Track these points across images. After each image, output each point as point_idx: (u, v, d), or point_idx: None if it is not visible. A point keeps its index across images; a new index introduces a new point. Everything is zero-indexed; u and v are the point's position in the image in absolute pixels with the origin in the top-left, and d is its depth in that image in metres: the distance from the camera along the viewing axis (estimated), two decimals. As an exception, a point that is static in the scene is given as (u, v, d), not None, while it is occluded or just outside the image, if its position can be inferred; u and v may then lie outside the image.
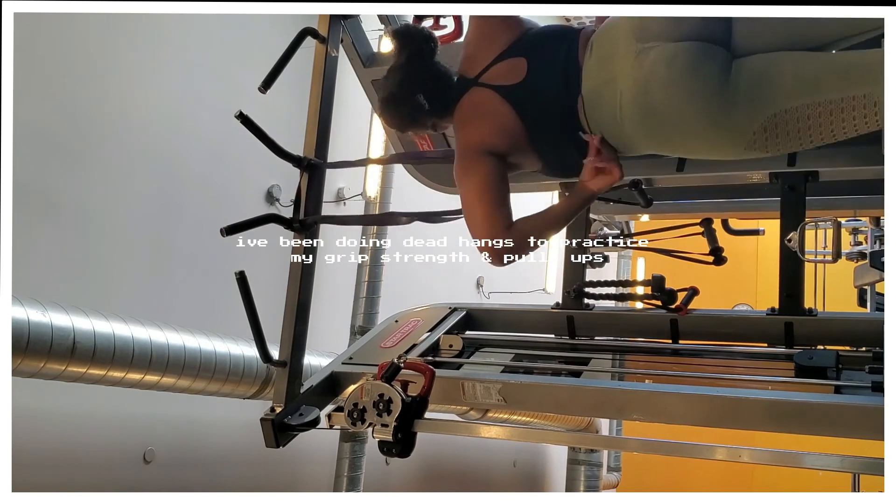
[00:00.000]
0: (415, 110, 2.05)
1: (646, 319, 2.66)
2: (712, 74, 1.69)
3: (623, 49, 1.80)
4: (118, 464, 3.99)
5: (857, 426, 1.89)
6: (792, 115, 1.66)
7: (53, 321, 2.94)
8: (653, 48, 1.74)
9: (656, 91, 1.74)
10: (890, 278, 1.41)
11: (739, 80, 1.68)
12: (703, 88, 1.69)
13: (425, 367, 2.09)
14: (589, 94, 1.88)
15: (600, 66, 1.86)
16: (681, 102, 1.72)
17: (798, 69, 1.66)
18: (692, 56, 1.70)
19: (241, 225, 2.35)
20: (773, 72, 1.67)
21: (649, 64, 1.74)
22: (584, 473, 7.46)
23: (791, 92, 1.65)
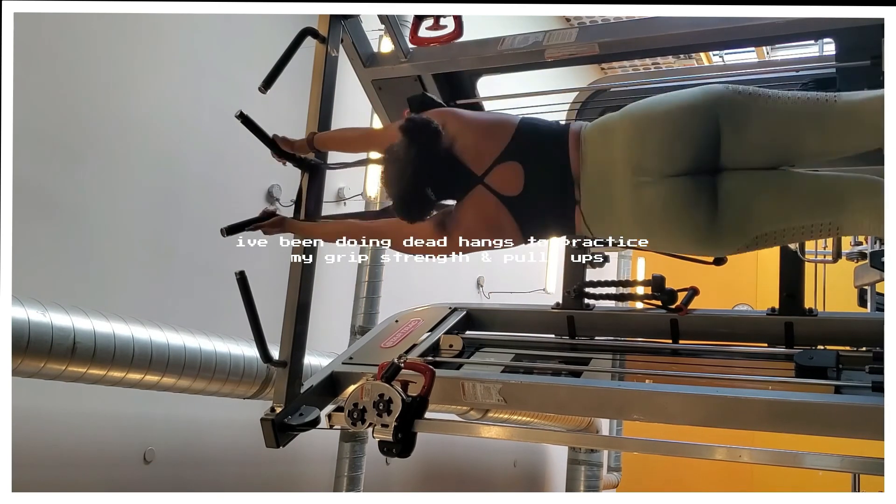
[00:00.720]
0: (425, 203, 2.10)
1: (646, 319, 2.66)
2: (703, 213, 1.91)
3: (621, 179, 1.96)
4: (118, 464, 3.98)
5: (857, 426, 1.89)
6: (770, 235, 1.94)
7: (54, 321, 2.94)
8: (648, 183, 1.93)
9: (655, 226, 1.96)
10: (890, 278, 1.41)
11: (727, 211, 1.90)
12: (695, 226, 1.92)
13: (425, 367, 2.09)
14: (589, 210, 2.03)
15: (598, 189, 2.01)
16: (676, 235, 1.96)
17: (777, 202, 1.91)
18: (685, 197, 1.91)
19: (240, 225, 2.35)
20: (755, 205, 1.91)
21: (646, 203, 1.94)
22: (584, 473, 7.45)
23: (769, 221, 1.91)
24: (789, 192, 1.91)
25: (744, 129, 1.89)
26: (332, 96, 2.57)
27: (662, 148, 1.92)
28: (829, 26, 2.25)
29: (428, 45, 2.51)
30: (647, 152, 1.94)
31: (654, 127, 1.95)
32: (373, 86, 2.88)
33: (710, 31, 2.41)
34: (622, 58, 3.69)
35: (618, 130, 2.00)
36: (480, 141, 2.10)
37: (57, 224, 3.69)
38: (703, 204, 1.90)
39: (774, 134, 1.90)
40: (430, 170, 2.06)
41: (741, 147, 1.90)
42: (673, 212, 1.92)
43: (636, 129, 1.97)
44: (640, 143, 1.95)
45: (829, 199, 1.89)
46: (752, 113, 1.89)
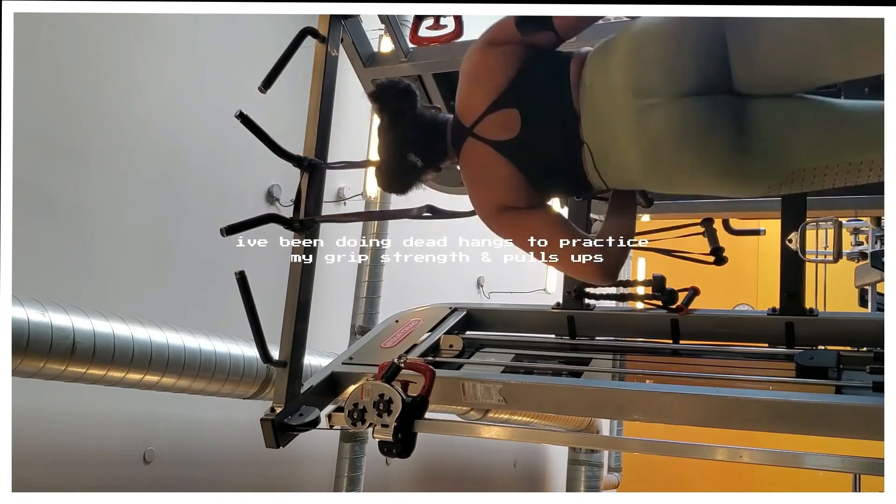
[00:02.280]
0: (410, 171, 1.99)
1: (646, 319, 2.66)
2: (726, 138, 1.63)
3: (622, 106, 1.73)
4: (118, 464, 3.98)
5: (857, 426, 1.89)
6: (810, 172, 1.64)
7: (53, 321, 2.94)
8: (654, 106, 1.67)
9: (668, 155, 1.68)
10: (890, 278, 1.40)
11: (758, 138, 1.62)
12: (718, 151, 1.64)
13: (426, 368, 2.09)
14: (595, 148, 1.81)
15: (600, 123, 1.78)
16: (695, 164, 1.67)
17: (817, 131, 1.63)
18: (701, 118, 1.64)
19: (241, 225, 2.35)
20: (790, 131, 1.63)
21: (655, 127, 1.68)
22: (584, 474, 7.46)
23: (810, 154, 1.63)
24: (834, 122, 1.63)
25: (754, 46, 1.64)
26: (332, 96, 2.57)
27: (664, 63, 1.66)
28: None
29: (428, 45, 2.51)
30: (646, 69, 1.68)
31: (651, 40, 1.69)
32: (373, 85, 2.88)
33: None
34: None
35: (614, 50, 1.75)
36: (472, 90, 1.91)
37: (57, 224, 3.69)
38: (724, 125, 1.62)
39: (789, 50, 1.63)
40: (406, 131, 1.96)
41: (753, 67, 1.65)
42: (686, 137, 1.64)
43: (633, 43, 1.72)
44: (637, 59, 1.70)
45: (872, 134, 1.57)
46: (761, 26, 1.63)
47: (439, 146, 1.99)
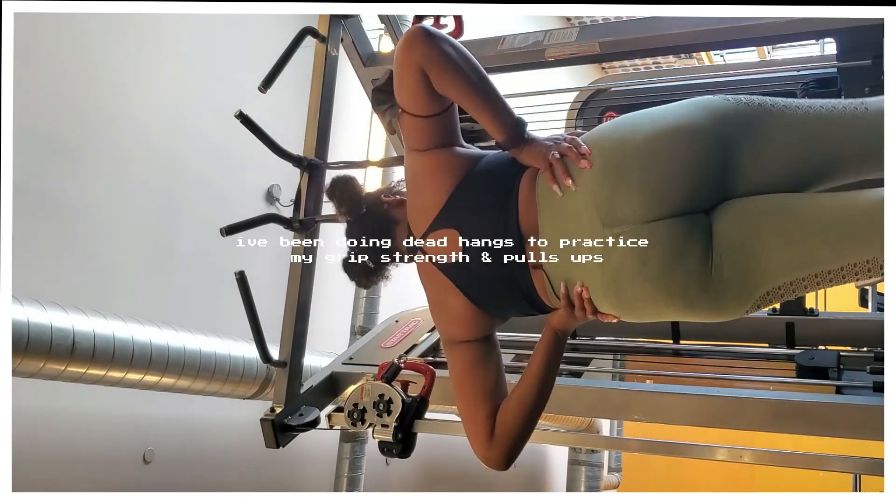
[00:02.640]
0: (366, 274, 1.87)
1: (647, 319, 2.65)
2: (692, 269, 1.42)
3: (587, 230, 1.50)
4: (118, 464, 3.98)
5: (858, 426, 1.89)
6: (787, 288, 1.44)
7: (53, 321, 2.93)
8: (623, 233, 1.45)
9: (629, 290, 1.47)
10: (890, 278, 1.36)
11: (722, 264, 1.42)
12: (683, 287, 1.43)
13: (426, 368, 2.09)
14: (552, 273, 1.57)
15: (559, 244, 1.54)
16: (661, 298, 1.46)
17: (787, 242, 1.41)
18: (667, 251, 1.43)
19: (240, 225, 2.35)
20: (759, 252, 1.41)
21: (616, 262, 1.46)
22: (584, 474, 7.44)
23: (783, 272, 1.41)
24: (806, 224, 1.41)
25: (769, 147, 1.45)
26: (332, 96, 2.57)
27: (644, 190, 1.44)
28: (829, 26, 2.25)
29: (428, 45, 2.50)
30: (621, 196, 1.46)
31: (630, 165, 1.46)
32: (373, 85, 2.88)
33: (710, 30, 2.40)
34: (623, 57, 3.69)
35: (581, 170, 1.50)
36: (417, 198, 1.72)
37: (56, 224, 3.68)
38: (692, 254, 1.42)
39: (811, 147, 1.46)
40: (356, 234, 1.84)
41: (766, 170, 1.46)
42: (654, 265, 1.43)
43: (606, 170, 1.48)
44: (611, 185, 1.46)
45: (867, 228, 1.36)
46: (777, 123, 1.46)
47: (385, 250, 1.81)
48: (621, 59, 6.34)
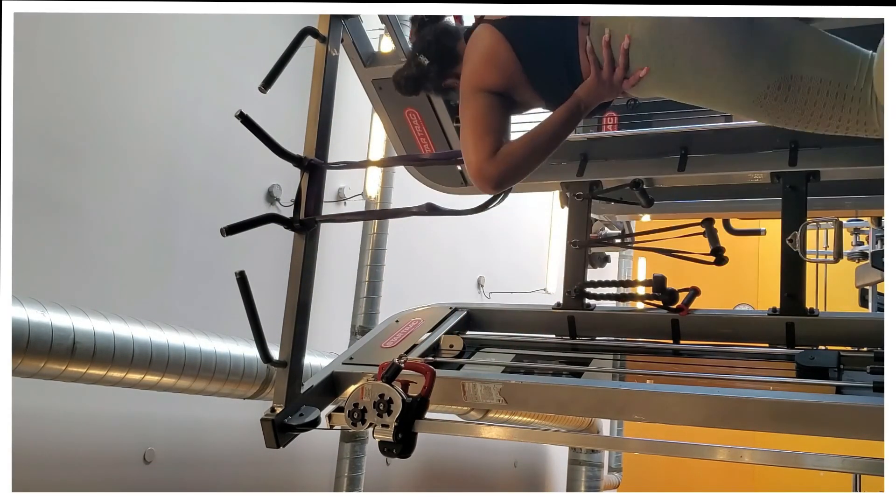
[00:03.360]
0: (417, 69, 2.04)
1: (647, 320, 2.65)
2: (739, 19, 1.63)
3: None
4: (118, 464, 3.98)
5: (858, 426, 1.88)
6: (805, 83, 1.64)
7: (53, 321, 2.94)
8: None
9: (674, 27, 1.66)
10: (890, 278, 1.40)
11: (766, 32, 1.64)
12: (728, 27, 1.63)
13: (426, 368, 2.09)
14: (595, 24, 1.76)
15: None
16: (702, 38, 1.66)
17: (822, 46, 1.67)
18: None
19: (241, 225, 2.34)
20: (798, 36, 1.66)
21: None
22: (585, 474, 7.46)
23: (810, 61, 1.65)
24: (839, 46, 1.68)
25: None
26: (333, 96, 2.57)
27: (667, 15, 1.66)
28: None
29: (428, 45, 2.50)
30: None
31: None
32: (373, 85, 2.88)
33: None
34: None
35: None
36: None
37: (57, 224, 3.69)
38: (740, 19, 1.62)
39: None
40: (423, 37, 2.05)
41: None
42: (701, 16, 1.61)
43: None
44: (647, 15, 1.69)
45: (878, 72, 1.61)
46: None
47: (448, 47, 2.02)
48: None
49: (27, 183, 3.45)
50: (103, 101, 3.99)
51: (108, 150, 4.00)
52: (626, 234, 3.44)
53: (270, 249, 3.29)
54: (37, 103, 3.60)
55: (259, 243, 3.31)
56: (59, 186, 3.73)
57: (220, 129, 4.36)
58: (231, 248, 2.62)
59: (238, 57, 4.60)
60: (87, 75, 3.90)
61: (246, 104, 2.39)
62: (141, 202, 4.19)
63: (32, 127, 3.54)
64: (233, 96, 3.50)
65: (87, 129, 3.90)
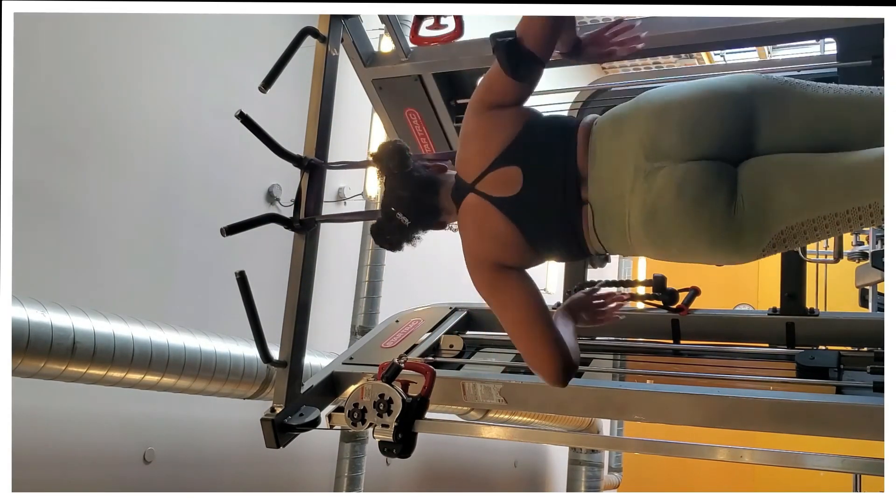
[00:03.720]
0: (397, 229, 1.97)
1: (647, 320, 2.66)
2: (720, 204, 1.65)
3: (631, 167, 1.74)
4: (118, 464, 3.98)
5: (858, 426, 1.89)
6: (799, 229, 1.64)
7: (53, 321, 2.93)
8: (661, 169, 1.70)
9: (664, 220, 1.69)
10: (890, 278, 1.40)
11: (744, 203, 1.64)
12: (710, 219, 1.66)
13: (426, 368, 2.09)
14: (597, 208, 1.80)
15: (606, 183, 1.78)
16: (689, 232, 1.69)
17: (799, 183, 1.63)
18: (701, 184, 1.66)
19: (241, 225, 2.34)
20: (774, 190, 1.64)
21: (657, 190, 1.70)
22: (585, 474, 7.45)
23: (795, 211, 1.63)
24: (814, 172, 1.63)
25: (784, 118, 1.68)
26: (333, 96, 2.57)
27: (683, 128, 1.69)
28: (830, 26, 2.25)
29: (428, 45, 2.51)
30: (663, 132, 1.71)
31: (675, 108, 1.72)
32: (373, 85, 2.88)
33: (711, 30, 2.40)
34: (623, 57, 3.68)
35: (631, 117, 1.78)
36: (473, 149, 1.90)
37: (57, 224, 3.69)
38: (721, 191, 1.64)
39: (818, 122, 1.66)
40: (394, 191, 1.96)
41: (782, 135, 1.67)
42: (686, 200, 1.65)
43: (653, 113, 1.75)
44: (656, 124, 1.72)
45: (869, 177, 1.57)
46: (792, 100, 1.68)
47: (428, 205, 1.97)
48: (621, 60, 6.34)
49: (27, 183, 3.45)
50: (103, 101, 3.99)
51: (108, 150, 4.00)
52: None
53: (270, 249, 3.29)
54: (37, 103, 3.60)
55: (259, 243, 3.31)
56: (59, 186, 3.73)
57: (221, 129, 4.36)
58: (231, 247, 2.61)
59: (238, 57, 4.60)
60: (87, 75, 3.90)
61: (246, 104, 2.39)
62: (141, 202, 4.19)
63: (32, 127, 3.54)
64: (233, 96, 3.49)
65: (88, 129, 3.90)
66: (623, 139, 1.77)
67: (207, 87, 4.50)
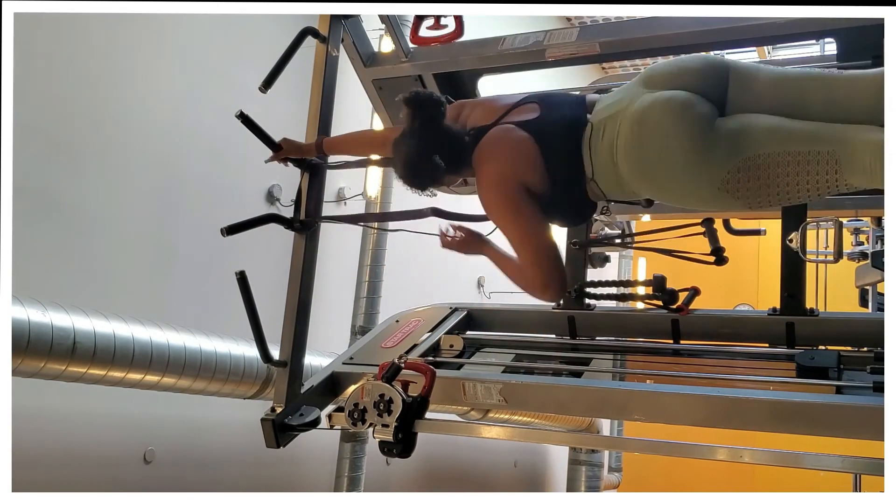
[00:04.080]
0: (433, 171, 2.15)
1: (647, 319, 2.65)
2: (700, 116, 1.90)
3: (631, 93, 2.03)
4: (118, 464, 3.98)
5: (858, 426, 1.88)
6: (763, 161, 1.86)
7: (54, 321, 2.94)
8: (654, 91, 1.98)
9: (649, 123, 1.94)
10: (890, 278, 1.42)
11: (721, 127, 1.90)
12: (689, 126, 1.90)
13: (426, 368, 2.09)
14: (596, 124, 2.06)
15: (609, 105, 2.07)
16: (669, 136, 1.92)
17: (773, 124, 1.89)
18: (685, 99, 1.92)
19: (241, 225, 2.35)
20: (751, 123, 1.90)
21: (648, 101, 1.96)
22: (585, 474, 7.45)
23: (764, 140, 1.87)
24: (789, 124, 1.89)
25: (750, 85, 1.95)
26: (333, 96, 2.57)
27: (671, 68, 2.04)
28: (829, 26, 2.25)
29: (429, 45, 2.51)
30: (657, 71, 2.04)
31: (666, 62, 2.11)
32: (373, 85, 2.88)
33: (711, 30, 2.40)
34: (623, 57, 3.69)
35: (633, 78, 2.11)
36: (490, 104, 2.22)
37: (57, 224, 3.69)
38: (703, 109, 1.91)
39: (779, 90, 1.93)
40: (435, 136, 2.14)
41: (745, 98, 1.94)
42: (672, 107, 1.92)
43: (653, 64, 2.12)
44: (652, 68, 2.06)
45: (832, 131, 1.84)
46: (760, 74, 1.97)
47: (461, 153, 2.17)
48: (621, 60, 6.34)
49: (27, 183, 3.45)
50: (103, 101, 3.99)
51: (108, 150, 4.00)
52: (626, 234, 3.44)
53: (271, 249, 3.29)
54: (37, 103, 3.60)
55: (259, 243, 3.31)
56: (59, 186, 3.73)
57: (221, 129, 4.36)
58: (231, 247, 2.61)
59: (238, 57, 4.61)
60: (86, 75, 3.90)
61: (246, 104, 2.39)
62: (141, 202, 4.19)
63: (33, 127, 3.54)
64: (233, 96, 3.49)
65: (88, 129, 3.91)
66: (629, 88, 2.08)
67: (208, 87, 4.50)
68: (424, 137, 2.14)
